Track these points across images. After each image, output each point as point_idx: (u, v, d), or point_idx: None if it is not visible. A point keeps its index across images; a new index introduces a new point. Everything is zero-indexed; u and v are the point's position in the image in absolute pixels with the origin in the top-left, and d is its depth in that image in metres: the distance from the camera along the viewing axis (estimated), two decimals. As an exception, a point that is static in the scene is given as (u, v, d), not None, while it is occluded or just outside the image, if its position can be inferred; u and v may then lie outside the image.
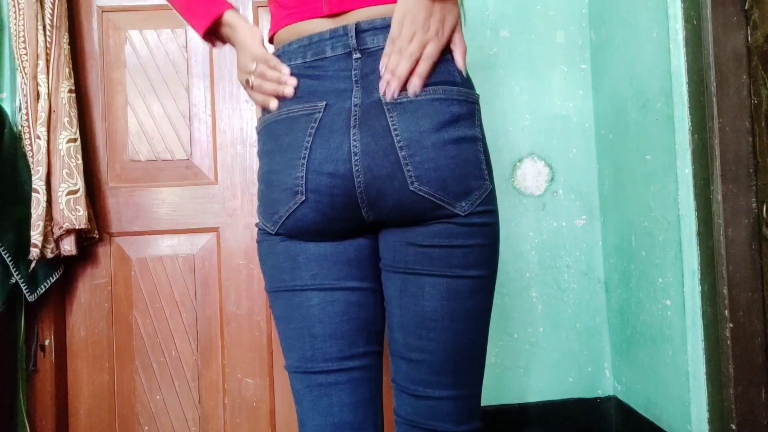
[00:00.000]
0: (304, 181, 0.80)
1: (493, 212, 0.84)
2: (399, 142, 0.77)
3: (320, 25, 0.83)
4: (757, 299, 1.35)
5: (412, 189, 0.77)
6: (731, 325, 1.34)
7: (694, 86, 1.43)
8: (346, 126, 0.79)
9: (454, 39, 0.83)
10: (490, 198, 0.83)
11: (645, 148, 1.63)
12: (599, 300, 1.92)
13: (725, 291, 1.35)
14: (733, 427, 1.34)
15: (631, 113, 1.69)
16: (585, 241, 1.92)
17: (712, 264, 1.40)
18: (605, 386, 1.91)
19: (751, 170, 1.35)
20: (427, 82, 0.79)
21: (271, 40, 0.92)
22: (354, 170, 0.78)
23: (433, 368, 0.83)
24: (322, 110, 0.80)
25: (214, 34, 0.93)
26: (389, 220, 0.82)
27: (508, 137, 1.91)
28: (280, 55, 0.86)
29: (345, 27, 0.81)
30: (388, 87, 0.78)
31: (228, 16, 0.89)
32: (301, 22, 0.85)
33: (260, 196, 0.88)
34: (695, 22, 1.42)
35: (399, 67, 0.78)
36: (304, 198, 0.80)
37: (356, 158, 0.78)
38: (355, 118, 0.79)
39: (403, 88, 0.79)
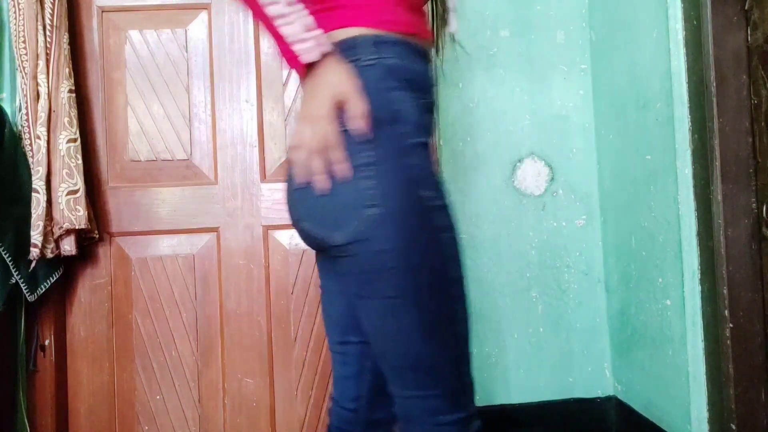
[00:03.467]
0: None
1: (374, 240, 0.77)
2: (294, 185, 0.84)
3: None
4: (757, 299, 1.35)
5: (300, 227, 0.86)
6: (731, 325, 1.34)
7: (694, 86, 1.43)
8: None
9: (345, 107, 0.77)
10: (373, 224, 0.77)
11: (645, 148, 1.62)
12: (599, 300, 1.92)
13: (725, 291, 1.35)
14: (733, 427, 1.34)
15: (631, 113, 1.69)
16: (585, 241, 1.92)
17: (712, 264, 1.40)
18: (605, 386, 1.91)
19: (751, 170, 1.35)
20: None
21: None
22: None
23: (390, 373, 0.85)
24: None
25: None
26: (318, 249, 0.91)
27: (508, 137, 1.91)
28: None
29: None
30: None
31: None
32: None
33: None
34: (695, 22, 1.42)
35: (315, 168, 0.78)
36: None
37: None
38: None
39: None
